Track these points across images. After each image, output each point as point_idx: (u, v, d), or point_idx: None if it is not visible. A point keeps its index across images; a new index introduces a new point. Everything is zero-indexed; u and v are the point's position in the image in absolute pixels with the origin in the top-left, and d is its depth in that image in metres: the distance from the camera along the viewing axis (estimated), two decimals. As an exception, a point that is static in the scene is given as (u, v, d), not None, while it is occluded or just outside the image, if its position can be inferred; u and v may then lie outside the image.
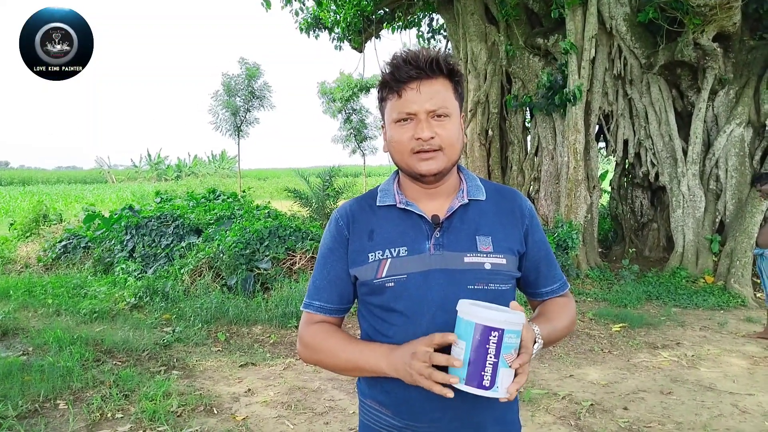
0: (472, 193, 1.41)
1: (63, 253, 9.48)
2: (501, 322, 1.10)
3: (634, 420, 3.79)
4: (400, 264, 1.33)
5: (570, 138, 8.30)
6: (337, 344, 1.38)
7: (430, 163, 1.32)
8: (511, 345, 1.11)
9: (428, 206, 1.40)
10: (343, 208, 1.47)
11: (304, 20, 12.10)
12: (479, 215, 1.39)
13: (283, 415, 3.93)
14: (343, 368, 1.39)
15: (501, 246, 1.36)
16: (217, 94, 19.09)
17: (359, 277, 1.38)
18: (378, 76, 6.11)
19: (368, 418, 1.43)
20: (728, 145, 7.75)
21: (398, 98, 1.32)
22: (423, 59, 1.30)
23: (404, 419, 1.35)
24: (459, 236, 1.35)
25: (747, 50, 7.81)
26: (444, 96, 1.32)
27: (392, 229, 1.38)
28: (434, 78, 1.31)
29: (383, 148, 1.45)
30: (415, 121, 1.31)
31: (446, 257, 1.33)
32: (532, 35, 9.23)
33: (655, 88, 8.17)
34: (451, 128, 1.33)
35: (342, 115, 19.76)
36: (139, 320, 6.11)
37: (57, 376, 4.36)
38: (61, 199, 21.33)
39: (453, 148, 1.34)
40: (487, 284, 1.33)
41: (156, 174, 40.95)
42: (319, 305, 1.45)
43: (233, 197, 12.34)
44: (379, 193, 1.46)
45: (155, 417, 3.79)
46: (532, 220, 1.45)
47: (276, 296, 6.58)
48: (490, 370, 1.11)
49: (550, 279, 1.49)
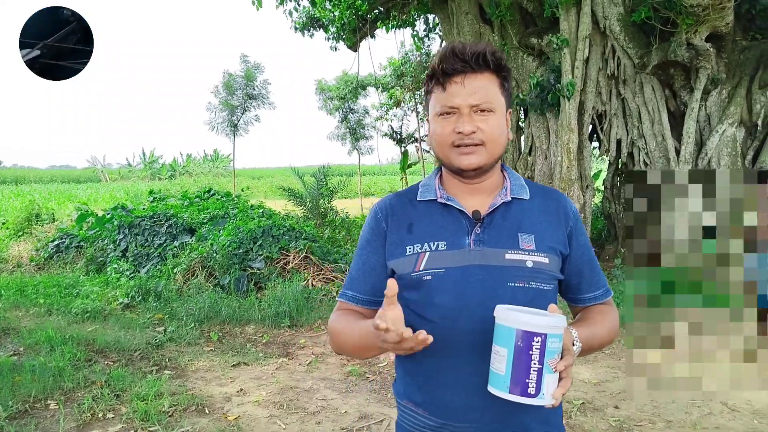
0: (515, 191, 1.39)
1: (55, 253, 9.45)
2: (544, 327, 1.07)
3: (624, 418, 3.80)
4: (439, 258, 1.31)
5: (563, 138, 8.32)
6: (346, 327, 1.37)
7: (470, 157, 1.30)
8: (554, 350, 1.08)
9: (469, 202, 1.37)
10: (383, 202, 1.47)
11: (298, 20, 12.08)
12: (522, 213, 1.36)
13: (275, 415, 3.93)
14: (351, 350, 1.38)
15: (544, 245, 1.33)
16: (216, 91, 19.09)
17: (396, 270, 1.37)
18: (372, 76, 6.09)
19: (404, 419, 1.41)
20: (721, 144, 7.78)
21: (442, 91, 1.31)
22: (470, 53, 1.28)
23: (440, 419, 1.32)
24: (500, 233, 1.33)
25: (739, 50, 7.84)
26: (489, 91, 1.30)
27: (432, 223, 1.36)
28: (480, 72, 1.29)
29: (427, 141, 1.44)
30: (457, 115, 1.29)
31: (486, 253, 1.30)
32: (526, 35, 9.24)
33: (648, 87, 8.19)
34: (494, 123, 1.30)
35: (339, 113, 19.75)
36: (132, 320, 6.09)
37: (48, 376, 4.34)
38: (53, 198, 21.23)
39: (495, 143, 1.31)
40: (527, 282, 1.30)
41: (150, 173, 40.85)
42: (352, 295, 1.44)
43: (227, 196, 12.32)
44: (420, 188, 1.44)
45: (147, 417, 3.78)
46: (577, 223, 1.42)
47: (269, 296, 6.57)
48: (535, 377, 1.07)
49: (593, 285, 1.45)
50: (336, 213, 12.55)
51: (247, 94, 19.07)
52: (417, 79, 16.44)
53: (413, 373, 1.36)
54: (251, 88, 19.10)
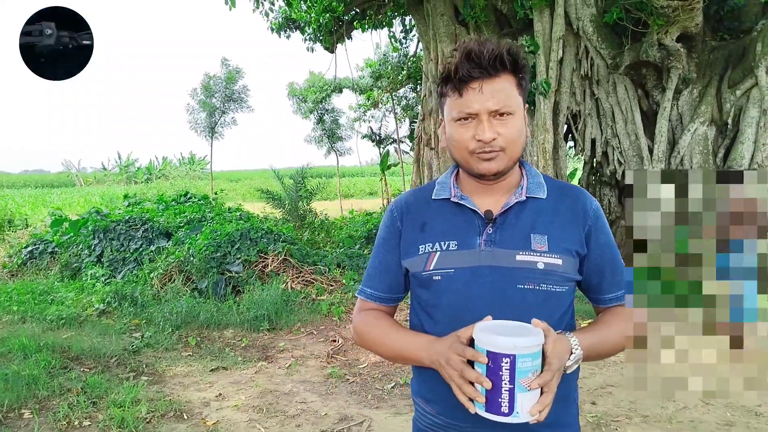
0: (532, 190, 1.36)
1: (29, 259, 9.28)
2: (511, 348, 1.07)
3: (602, 414, 3.85)
4: (449, 258, 1.31)
5: (539, 137, 8.41)
6: (383, 332, 1.39)
7: (490, 163, 1.28)
8: (526, 369, 1.08)
9: (484, 201, 1.36)
10: (399, 200, 1.47)
11: (275, 21, 12.04)
12: (537, 213, 1.34)
13: (255, 419, 3.91)
14: (388, 355, 1.41)
15: (558, 246, 1.30)
16: (195, 93, 18.95)
17: (410, 268, 1.38)
18: (349, 79, 6.08)
19: (418, 416, 1.44)
20: (692, 143, 7.92)
21: (459, 97, 1.27)
22: (487, 56, 1.23)
23: (447, 418, 1.34)
24: (512, 233, 1.31)
25: (709, 50, 8.00)
26: (507, 93, 1.26)
27: (444, 222, 1.36)
28: (497, 75, 1.25)
29: (441, 143, 1.42)
30: (476, 121, 1.26)
31: (497, 254, 1.29)
32: (501, 36, 9.31)
33: (621, 87, 8.32)
34: (514, 126, 1.27)
35: (314, 115, 19.70)
36: (108, 326, 6.01)
37: (22, 385, 4.26)
38: (27, 204, 20.86)
39: (515, 146, 1.29)
40: (538, 284, 1.28)
41: (126, 177, 40.32)
42: (371, 293, 1.46)
43: (204, 200, 12.22)
44: (436, 186, 1.44)
45: (124, 424, 3.73)
46: (597, 221, 1.37)
47: (248, 299, 6.53)
48: (507, 397, 1.08)
49: (615, 285, 1.39)
50: (315, 215, 12.52)
51: (226, 96, 18.99)
52: (394, 81, 16.46)
53: (425, 371, 1.37)
54: (230, 91, 19.03)
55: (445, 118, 1.35)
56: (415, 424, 1.45)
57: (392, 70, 16.24)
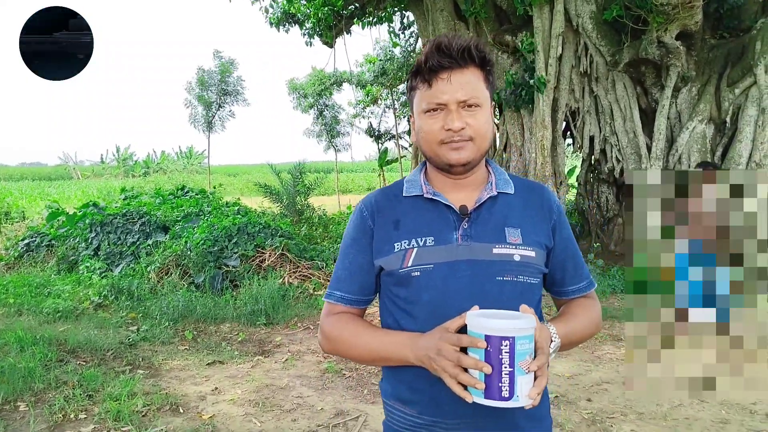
0: (500, 186, 1.39)
1: (26, 252, 9.27)
2: (510, 330, 1.08)
3: (597, 411, 3.86)
4: (427, 254, 1.31)
5: (538, 134, 8.41)
6: (357, 334, 1.36)
7: (460, 152, 1.29)
8: (524, 351, 1.09)
9: (455, 197, 1.37)
10: (368, 199, 1.45)
11: (273, 15, 12.00)
12: (508, 208, 1.37)
13: (251, 413, 3.91)
14: (365, 358, 1.38)
15: (530, 239, 1.34)
16: (190, 87, 18.87)
17: (385, 267, 1.36)
18: (348, 73, 6.07)
19: (391, 419, 1.41)
20: (691, 141, 7.93)
21: (428, 88, 1.29)
22: (455, 48, 1.27)
23: (431, 416, 1.32)
24: (487, 228, 1.33)
25: (708, 48, 8.00)
26: (475, 86, 1.29)
27: (419, 218, 1.36)
28: (466, 67, 1.29)
29: (411, 138, 1.43)
30: (445, 112, 1.29)
31: (474, 248, 1.30)
32: (501, 32, 9.30)
33: (620, 85, 8.32)
34: (482, 118, 1.30)
35: (314, 110, 19.64)
36: (104, 319, 6.00)
37: (18, 378, 4.26)
38: (24, 197, 20.81)
39: (483, 138, 1.31)
40: (515, 276, 1.30)
41: (123, 170, 40.23)
42: (340, 296, 1.42)
43: (202, 194, 12.20)
44: (405, 183, 1.43)
45: (120, 417, 3.73)
46: (560, 217, 1.43)
47: (245, 294, 6.53)
48: (507, 381, 1.08)
49: (576, 277, 1.46)
50: (313, 210, 12.51)
51: (221, 90, 18.91)
52: (395, 76, 16.42)
53: (401, 371, 1.35)
54: (225, 84, 18.94)
55: (414, 112, 1.37)
56: (390, 427, 1.41)
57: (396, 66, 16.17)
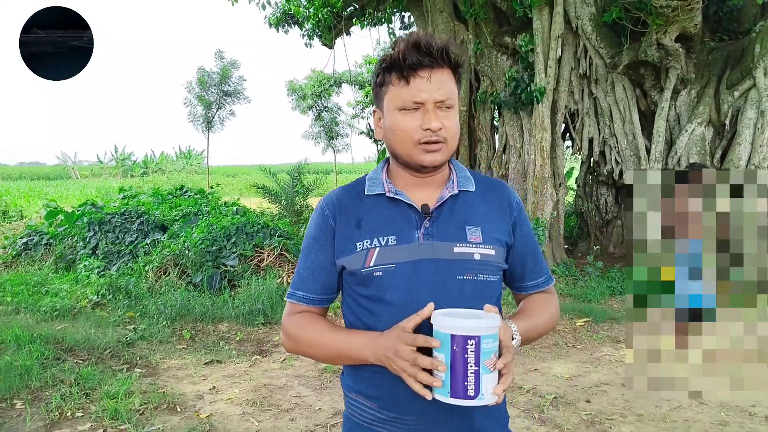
0: (461, 183, 1.40)
1: (24, 251, 9.24)
2: (476, 329, 1.09)
3: (596, 413, 3.85)
4: (389, 253, 1.31)
5: (537, 136, 8.41)
6: (319, 333, 1.36)
7: (435, 155, 1.29)
8: (489, 350, 1.10)
9: (417, 195, 1.37)
10: (329, 197, 1.44)
11: (273, 15, 11.99)
12: (469, 206, 1.37)
13: (248, 413, 3.90)
14: (326, 357, 1.39)
15: (490, 237, 1.35)
16: (190, 86, 18.87)
17: (347, 266, 1.36)
18: (347, 73, 6.06)
19: (353, 411, 1.41)
20: (690, 143, 7.93)
21: (406, 85, 1.28)
22: (436, 47, 1.27)
23: (391, 412, 1.33)
24: (449, 226, 1.33)
25: (708, 51, 8.00)
26: (450, 86, 1.30)
27: (380, 217, 1.35)
28: (443, 68, 1.29)
29: (376, 134, 1.41)
30: (422, 111, 1.28)
31: (435, 247, 1.31)
32: (500, 34, 9.31)
33: (619, 87, 8.32)
34: (455, 120, 1.31)
35: (313, 111, 19.65)
36: (102, 318, 5.99)
37: (14, 376, 4.24)
38: (23, 196, 20.78)
39: (454, 140, 1.32)
40: (476, 275, 1.31)
41: (122, 170, 40.19)
42: (303, 295, 1.42)
43: (200, 193, 12.18)
44: (367, 182, 1.42)
45: (117, 415, 3.72)
46: (520, 213, 1.44)
47: (243, 293, 6.51)
48: (473, 380, 1.09)
49: (536, 273, 1.48)
50: (312, 211, 12.50)
51: (222, 91, 18.91)
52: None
53: (361, 367, 1.35)
54: (226, 85, 18.94)
55: (384, 109, 1.35)
56: (351, 420, 1.42)
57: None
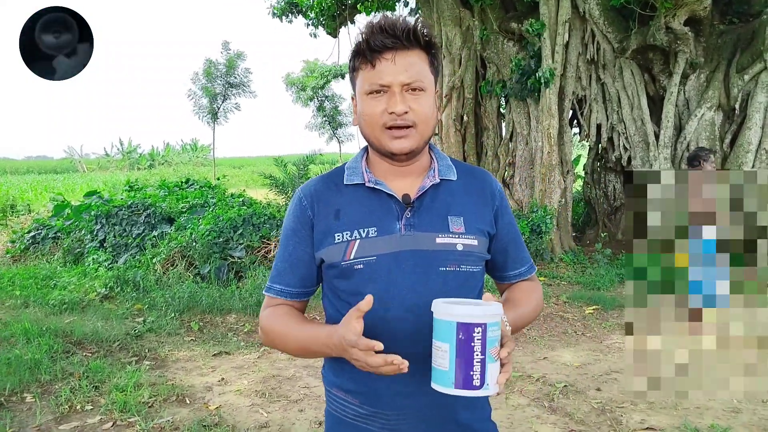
0: (443, 172, 1.35)
1: (32, 244, 9.28)
2: (483, 317, 1.06)
3: (606, 401, 3.82)
4: (370, 245, 1.27)
5: (544, 123, 8.33)
6: (288, 327, 1.32)
7: (402, 141, 1.25)
8: (495, 338, 1.07)
9: (398, 185, 1.33)
10: (307, 187, 1.39)
11: (277, 5, 11.92)
12: (451, 195, 1.34)
13: (257, 404, 3.89)
14: (296, 351, 1.34)
15: (472, 227, 1.32)
16: (196, 77, 18.84)
17: (326, 259, 1.32)
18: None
19: (334, 406, 1.39)
20: (699, 128, 7.85)
21: (371, 68, 1.24)
22: (400, 28, 1.22)
23: (372, 407, 1.31)
24: (431, 216, 1.30)
25: (717, 35, 7.89)
26: (419, 69, 1.25)
27: (360, 208, 1.31)
28: (410, 49, 1.25)
29: (353, 121, 1.38)
30: (388, 94, 1.24)
31: (417, 238, 1.28)
32: (506, 20, 9.22)
33: (627, 72, 8.23)
34: (426, 103, 1.26)
35: (314, 103, 19.57)
36: (110, 311, 6.00)
37: (24, 369, 4.25)
38: (30, 189, 20.86)
39: (426, 125, 1.27)
40: (458, 266, 1.28)
41: (128, 163, 40.27)
42: (280, 289, 1.38)
43: (207, 185, 12.19)
44: (346, 171, 1.38)
45: (126, 408, 3.72)
46: (502, 202, 1.41)
47: (250, 285, 6.51)
48: (479, 368, 1.06)
49: (518, 262, 1.45)
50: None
51: (228, 82, 18.88)
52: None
53: (343, 360, 1.29)
54: (232, 77, 18.90)
55: (356, 94, 1.32)
56: (332, 415, 1.39)
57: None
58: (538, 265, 6.88)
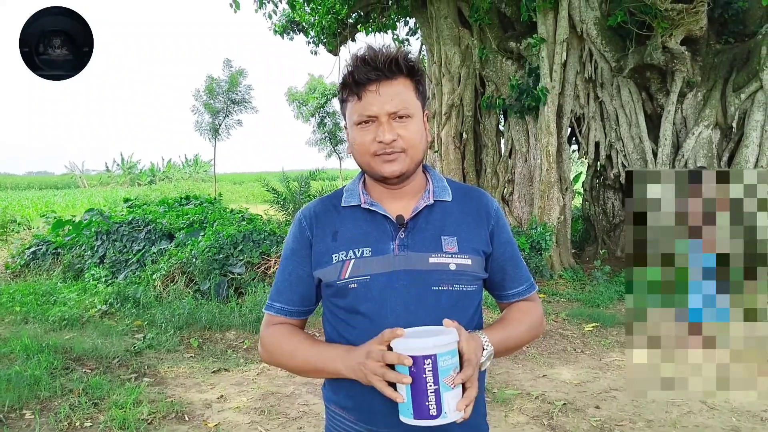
0: (438, 193, 1.40)
1: (32, 260, 9.27)
2: (431, 348, 1.09)
3: (605, 419, 3.82)
4: (364, 265, 1.32)
5: (543, 140, 8.39)
6: (295, 345, 1.37)
7: (393, 165, 1.30)
8: (448, 367, 1.10)
9: (393, 206, 1.38)
10: (307, 209, 1.45)
11: (278, 22, 12.05)
12: (445, 216, 1.37)
13: (256, 421, 3.89)
14: (301, 370, 1.38)
15: (466, 246, 1.35)
16: (198, 94, 18.97)
17: (323, 278, 1.36)
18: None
19: (332, 423, 1.42)
20: (697, 146, 7.90)
21: (358, 100, 1.30)
22: (381, 60, 1.27)
23: (367, 425, 1.33)
24: (424, 237, 1.34)
25: (713, 54, 7.98)
26: (405, 96, 1.30)
27: (356, 229, 1.36)
28: (394, 78, 1.29)
29: (347, 149, 1.43)
30: (376, 124, 1.29)
31: (411, 258, 1.31)
32: (505, 39, 9.31)
33: (625, 90, 8.30)
34: (413, 128, 1.31)
35: (315, 118, 19.69)
36: (110, 327, 6.00)
37: (24, 385, 4.25)
38: (31, 206, 20.90)
39: (416, 149, 1.32)
40: (452, 285, 1.31)
41: (129, 179, 40.34)
42: (280, 307, 1.42)
43: (207, 202, 12.21)
44: (344, 193, 1.43)
45: (125, 425, 3.72)
46: (498, 221, 1.43)
47: (250, 301, 6.51)
48: (434, 399, 1.09)
49: (516, 281, 1.47)
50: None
51: (229, 99, 19.00)
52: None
53: (340, 379, 1.35)
54: (234, 93, 19.03)
55: (347, 124, 1.37)
56: (329, 431, 1.43)
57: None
58: (537, 281, 6.89)
